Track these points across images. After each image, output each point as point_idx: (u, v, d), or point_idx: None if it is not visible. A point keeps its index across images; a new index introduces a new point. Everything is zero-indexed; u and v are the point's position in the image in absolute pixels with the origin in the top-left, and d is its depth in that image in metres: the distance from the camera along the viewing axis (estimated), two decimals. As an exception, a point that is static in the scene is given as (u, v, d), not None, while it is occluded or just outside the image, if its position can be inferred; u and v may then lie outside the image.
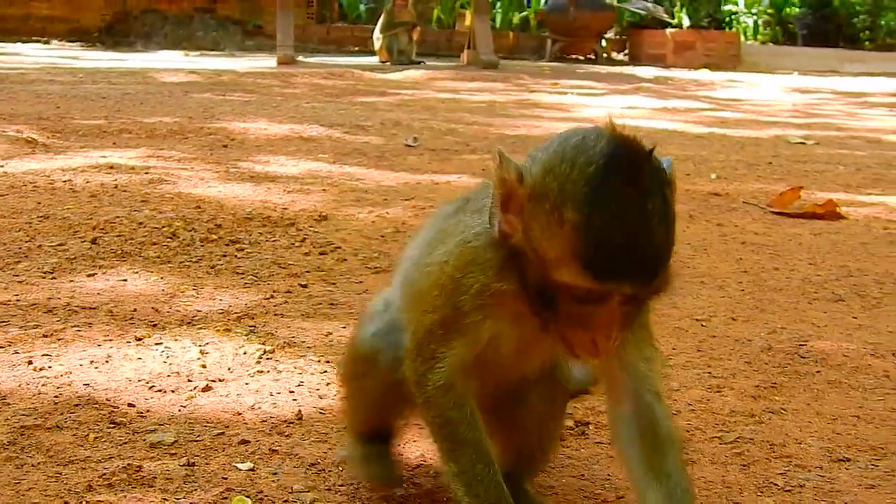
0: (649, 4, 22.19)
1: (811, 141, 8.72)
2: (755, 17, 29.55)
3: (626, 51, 23.25)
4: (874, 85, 17.67)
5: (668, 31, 22.28)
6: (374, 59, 17.18)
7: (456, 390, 1.81)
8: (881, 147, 8.58)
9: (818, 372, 2.88)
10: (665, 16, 22.57)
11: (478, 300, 1.72)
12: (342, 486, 2.12)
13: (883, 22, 28.55)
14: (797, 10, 29.25)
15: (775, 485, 2.16)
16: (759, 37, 29.39)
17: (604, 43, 23.05)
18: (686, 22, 22.95)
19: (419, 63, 16.61)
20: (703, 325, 3.29)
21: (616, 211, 1.52)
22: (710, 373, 2.83)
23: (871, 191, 6.15)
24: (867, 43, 28.36)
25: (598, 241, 1.51)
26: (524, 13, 23.93)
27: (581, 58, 22.01)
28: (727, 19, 25.85)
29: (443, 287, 1.77)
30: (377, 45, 16.93)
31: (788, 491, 2.13)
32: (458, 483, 1.81)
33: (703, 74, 18.80)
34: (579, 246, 1.52)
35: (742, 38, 28.31)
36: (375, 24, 17.46)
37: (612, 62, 21.99)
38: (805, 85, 16.94)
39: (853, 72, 21.63)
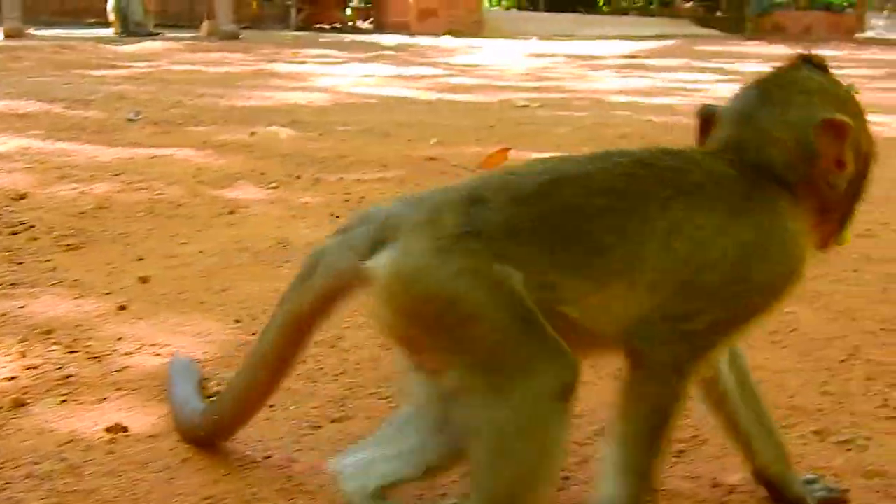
0: (391, -28, 22.35)
1: (536, 104, 8.99)
2: (499, -16, 30.25)
3: (371, 19, 23.36)
4: (607, 48, 18.36)
5: (412, -2, 22.51)
6: (111, 31, 16.69)
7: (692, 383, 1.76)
8: (601, 107, 8.93)
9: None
10: (407, -17, 22.77)
11: (791, 281, 1.77)
12: (-11, 466, 2.09)
13: (618, -13, 29.66)
14: (538, -24, 30.05)
15: (423, 434, 2.25)
16: (504, 3, 30.10)
17: (349, 11, 23.12)
18: (428, -11, 23.20)
19: (156, 34, 16.25)
20: (389, 286, 3.37)
21: None
22: (384, 332, 2.91)
23: (582, 149, 6.39)
24: (605, 7, 29.47)
25: None
26: (268, -18, 23.71)
27: (327, 26, 22.02)
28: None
29: (756, 275, 1.74)
30: (112, 16, 16.45)
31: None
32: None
33: (446, 41, 19.10)
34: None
35: (487, 4, 28.96)
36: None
37: (357, 30, 22.08)
38: (542, 50, 17.44)
39: (590, 35, 22.39)
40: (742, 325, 1.77)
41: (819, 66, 1.86)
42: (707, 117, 1.90)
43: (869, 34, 29.92)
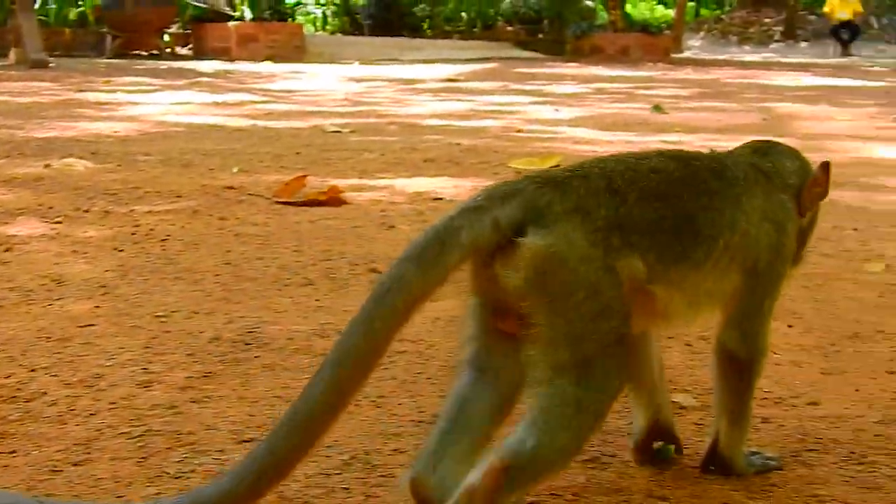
0: (210, -3, 22.14)
1: (349, 129, 9.00)
2: (323, 8, 30.24)
3: (191, 45, 23.07)
4: (428, 71, 18.55)
5: (232, 24, 22.33)
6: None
7: None
8: (413, 131, 8.99)
9: (257, 357, 2.98)
10: (227, 9, 22.60)
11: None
12: None
13: (440, 10, 29.99)
14: (362, 0, 30.15)
15: (167, 473, 2.21)
16: (327, 27, 30.10)
17: (167, 38, 22.79)
18: (248, 14, 23.05)
19: (-39, 64, 15.72)
20: (161, 322, 3.31)
21: None
22: (146, 369, 2.85)
23: (385, 175, 6.42)
24: (428, 31, 29.74)
25: None
26: (81, 8, 23.15)
27: (144, 53, 21.64)
28: (291, 11, 26.19)
29: (785, 257, 2.18)
30: (-88, 47, 15.87)
31: (178, 478, 2.19)
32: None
33: (266, 67, 19.02)
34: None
35: (312, 28, 28.93)
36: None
37: (176, 57, 21.78)
38: (363, 74, 17.51)
39: (412, 59, 22.59)
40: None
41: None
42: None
43: (686, 54, 30.99)
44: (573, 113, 11.15)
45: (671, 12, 38.52)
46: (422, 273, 1.82)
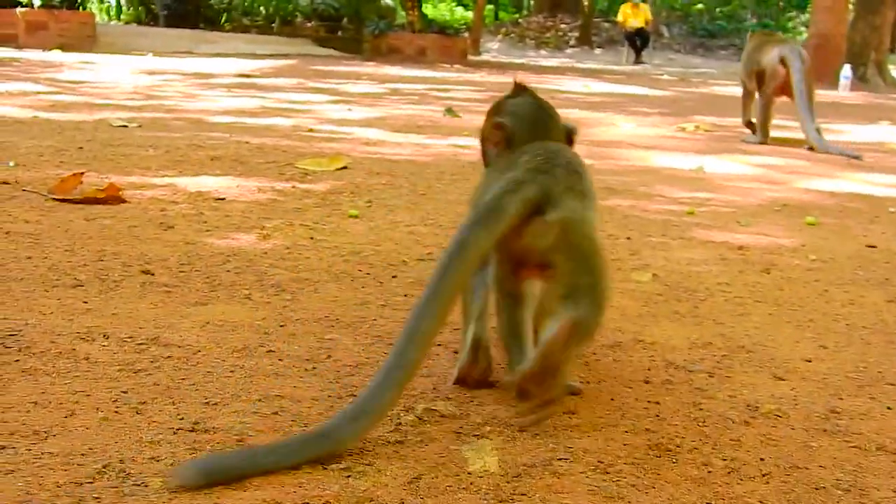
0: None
1: (135, 124, 8.81)
2: (119, -3, 29.45)
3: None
4: (224, 66, 18.32)
5: (19, 10, 21.54)
6: None
7: None
8: (201, 128, 8.86)
9: (17, 361, 2.90)
10: (9, -7, 21.80)
11: None
12: None
13: (238, 3, 29.62)
14: (160, -10, 29.46)
15: None
16: (123, 17, 29.31)
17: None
18: (37, 1, 22.27)
19: None
20: (-83, 324, 3.19)
21: None
22: None
23: (167, 173, 6.31)
24: (226, 24, 29.33)
25: None
26: None
27: (-77, 38, 20.67)
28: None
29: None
30: None
31: (-80, 490, 2.12)
32: None
33: (56, 55, 18.43)
34: None
35: (106, 17, 28.14)
36: None
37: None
38: (156, 67, 17.15)
39: (208, 52, 22.26)
40: None
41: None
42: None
43: (484, 57, 31.47)
44: (366, 113, 11.21)
45: (471, 14, 39.09)
46: (487, 235, 2.48)
